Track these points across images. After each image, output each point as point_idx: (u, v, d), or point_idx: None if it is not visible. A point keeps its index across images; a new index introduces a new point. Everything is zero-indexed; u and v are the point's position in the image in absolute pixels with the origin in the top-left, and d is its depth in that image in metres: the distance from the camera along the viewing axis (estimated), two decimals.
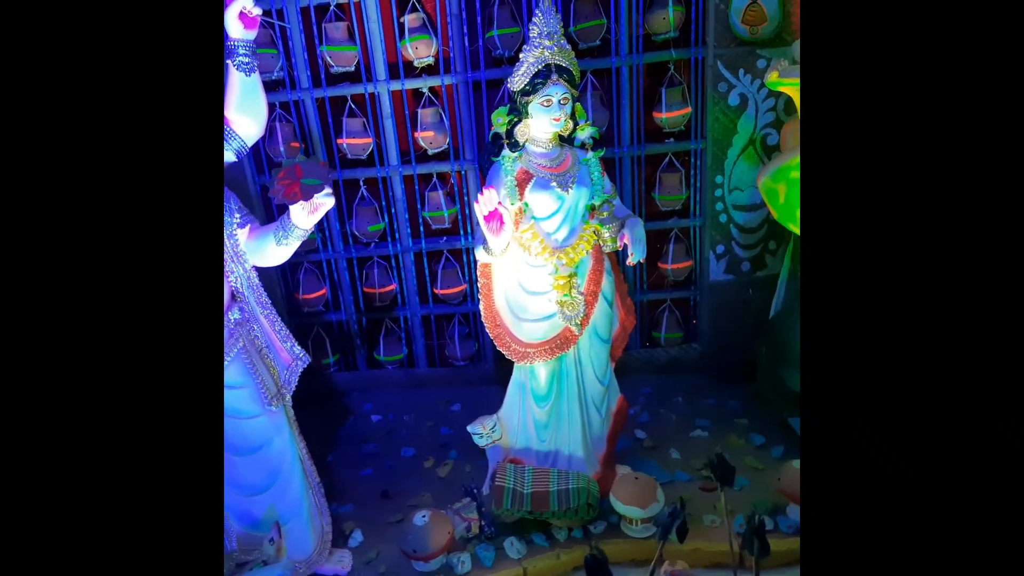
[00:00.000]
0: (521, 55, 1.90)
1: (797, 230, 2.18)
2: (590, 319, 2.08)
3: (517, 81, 1.91)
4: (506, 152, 2.00)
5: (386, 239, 2.90)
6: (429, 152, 2.76)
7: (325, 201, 1.60)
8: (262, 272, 1.90)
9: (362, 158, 2.76)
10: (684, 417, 2.71)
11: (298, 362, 1.87)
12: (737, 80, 2.57)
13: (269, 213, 2.81)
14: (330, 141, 2.74)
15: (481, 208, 1.83)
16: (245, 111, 1.62)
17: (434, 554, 1.92)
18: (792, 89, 2.14)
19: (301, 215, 1.61)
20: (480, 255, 2.01)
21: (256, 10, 1.54)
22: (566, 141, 2.07)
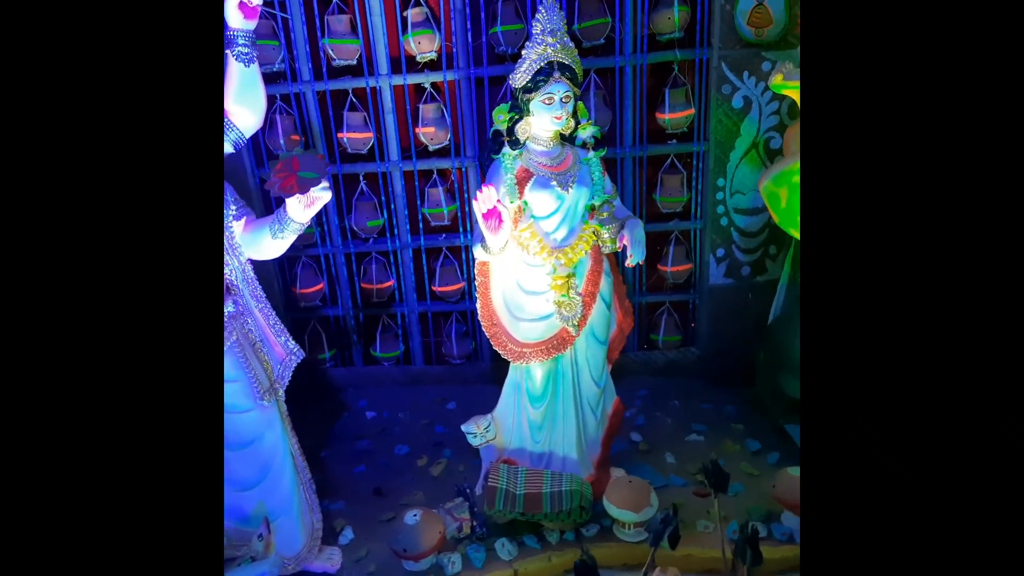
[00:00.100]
0: (524, 52, 1.88)
1: (798, 235, 2.16)
2: (587, 320, 2.07)
3: (519, 78, 1.89)
4: (506, 150, 1.98)
5: (385, 235, 2.88)
6: (430, 148, 2.74)
7: (322, 195, 1.58)
8: (259, 265, 1.88)
9: (362, 153, 2.74)
10: (680, 421, 2.70)
11: (292, 357, 1.86)
12: (741, 82, 2.55)
13: (268, 206, 2.79)
14: (330, 135, 2.73)
15: (480, 206, 1.81)
16: (243, 102, 1.60)
17: (424, 554, 1.91)
18: (796, 92, 2.13)
19: (297, 208, 1.59)
20: (478, 253, 1.99)
21: (256, 0, 1.52)
22: (567, 140, 2.05)
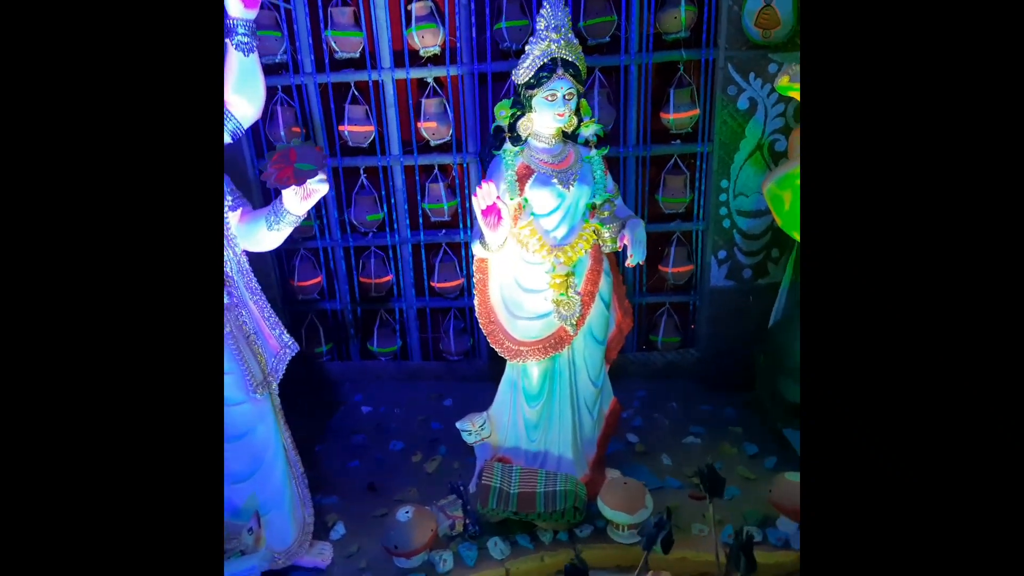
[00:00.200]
0: (527, 47, 1.86)
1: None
2: (586, 320, 2.05)
3: (522, 74, 1.87)
4: (508, 146, 1.96)
5: (384, 229, 2.87)
6: (431, 143, 2.72)
7: (319, 187, 1.56)
8: (256, 257, 1.87)
9: (363, 146, 2.73)
10: (678, 423, 2.68)
11: (286, 350, 1.84)
12: (747, 84, 2.53)
13: (268, 198, 2.77)
14: (331, 128, 2.71)
15: (479, 202, 1.80)
16: (242, 92, 1.59)
17: (416, 551, 1.89)
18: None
19: (294, 200, 1.58)
20: (477, 250, 1.97)
21: None
22: (569, 137, 2.03)
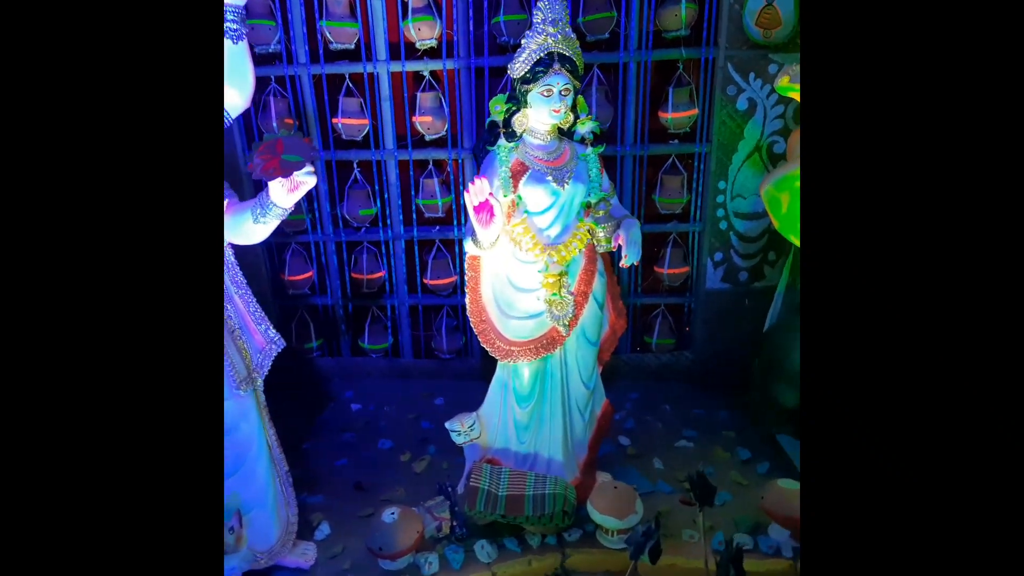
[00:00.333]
0: (523, 41, 1.82)
1: (797, 242, 2.11)
2: (579, 320, 2.01)
3: (518, 68, 1.83)
4: (502, 142, 1.92)
5: (377, 224, 2.83)
6: (426, 138, 2.68)
7: (306, 179, 1.52)
8: (247, 250, 1.82)
9: (357, 139, 2.68)
10: (670, 426, 2.65)
11: (272, 346, 1.80)
12: (747, 84, 2.49)
13: (258, 190, 2.73)
14: (325, 120, 2.67)
15: (471, 198, 1.76)
16: (230, 81, 1.54)
17: (401, 553, 1.86)
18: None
19: (280, 192, 1.54)
20: (469, 247, 1.94)
21: None
22: (565, 134, 1.99)
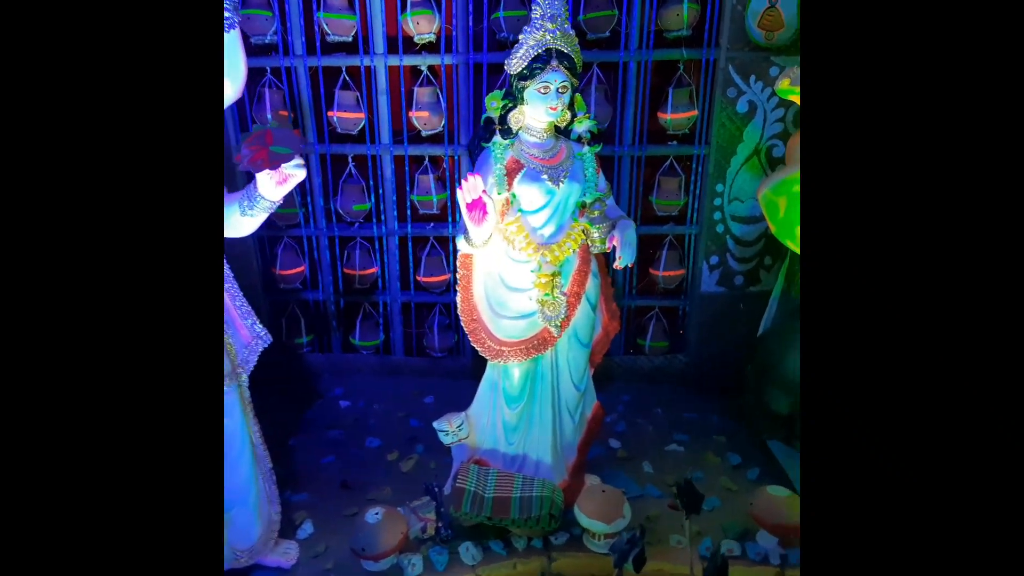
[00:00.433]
0: (521, 36, 1.79)
1: (794, 247, 2.09)
2: (571, 321, 1.99)
3: (515, 64, 1.80)
4: (497, 139, 1.90)
5: (371, 220, 2.80)
6: (423, 133, 2.65)
7: (295, 172, 1.49)
8: (238, 242, 1.80)
9: (352, 133, 2.65)
10: (661, 430, 2.63)
11: (257, 341, 1.77)
12: (747, 86, 2.47)
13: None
14: (320, 113, 2.64)
15: (464, 195, 1.73)
16: None
17: (384, 554, 1.83)
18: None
19: (268, 185, 1.51)
20: (461, 245, 1.91)
21: None
22: (562, 133, 1.97)
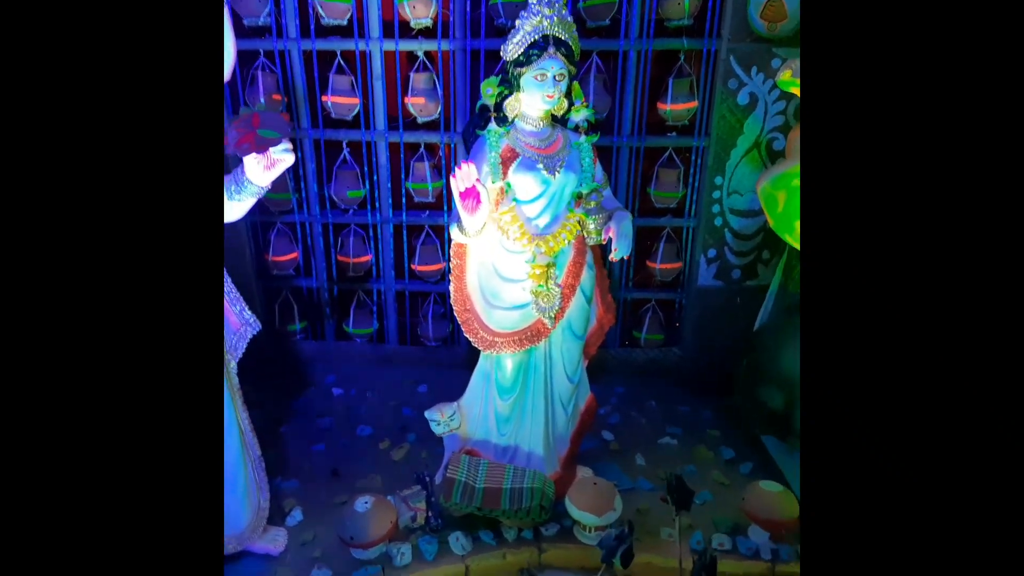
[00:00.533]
0: (518, 22, 1.76)
1: (792, 242, 2.06)
2: (565, 313, 1.97)
3: (511, 50, 1.77)
4: (493, 126, 1.87)
5: (365, 207, 2.77)
6: (419, 120, 2.62)
7: (283, 157, 1.47)
8: (230, 227, 1.77)
9: (347, 119, 2.62)
10: (655, 423, 2.62)
11: (247, 328, 1.75)
12: (749, 78, 2.43)
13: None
14: (314, 98, 2.60)
15: (457, 183, 1.70)
16: None
17: (373, 543, 1.82)
18: None
19: (256, 169, 1.48)
20: (454, 234, 1.89)
21: None
22: (559, 121, 1.94)
